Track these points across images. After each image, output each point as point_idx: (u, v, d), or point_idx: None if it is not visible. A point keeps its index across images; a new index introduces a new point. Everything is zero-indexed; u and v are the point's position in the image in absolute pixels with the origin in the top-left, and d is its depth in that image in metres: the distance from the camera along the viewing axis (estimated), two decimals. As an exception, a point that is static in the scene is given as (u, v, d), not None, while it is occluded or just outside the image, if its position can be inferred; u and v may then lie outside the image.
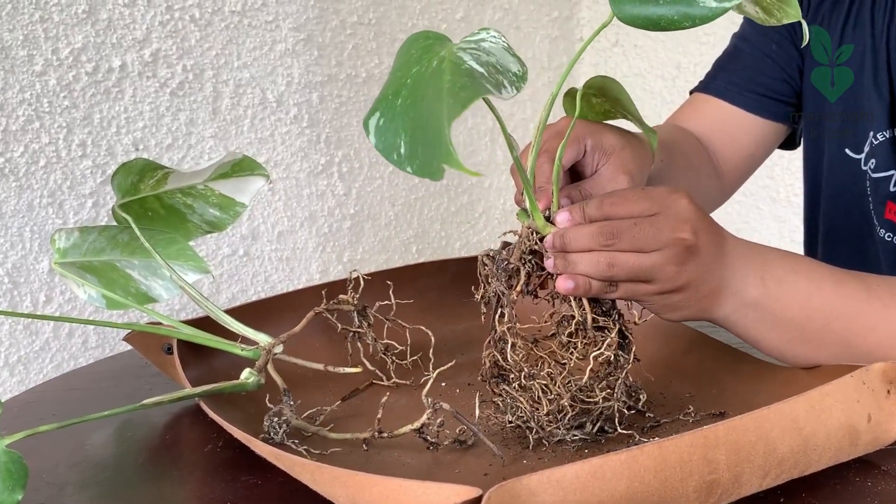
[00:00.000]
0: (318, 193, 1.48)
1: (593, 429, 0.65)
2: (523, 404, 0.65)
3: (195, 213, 0.80)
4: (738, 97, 1.01)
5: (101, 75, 1.19)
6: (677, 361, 0.79)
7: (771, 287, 0.68)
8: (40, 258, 1.15)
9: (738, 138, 1.03)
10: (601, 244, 0.64)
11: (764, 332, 0.69)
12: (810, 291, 0.69)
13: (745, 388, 0.72)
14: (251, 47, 1.36)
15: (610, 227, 0.64)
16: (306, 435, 0.68)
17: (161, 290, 0.80)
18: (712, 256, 0.66)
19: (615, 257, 0.64)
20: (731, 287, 0.67)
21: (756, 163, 1.06)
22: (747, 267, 0.68)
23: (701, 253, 0.65)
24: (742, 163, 1.04)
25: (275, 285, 1.43)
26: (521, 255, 0.67)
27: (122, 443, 0.72)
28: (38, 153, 1.14)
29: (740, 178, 1.06)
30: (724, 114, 1.02)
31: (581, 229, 0.64)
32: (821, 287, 0.69)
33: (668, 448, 0.52)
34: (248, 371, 0.70)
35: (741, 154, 1.03)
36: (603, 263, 0.64)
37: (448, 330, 0.84)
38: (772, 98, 1.01)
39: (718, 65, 1.06)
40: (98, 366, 0.92)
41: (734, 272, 0.67)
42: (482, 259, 0.68)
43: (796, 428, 0.56)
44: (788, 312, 0.68)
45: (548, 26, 1.89)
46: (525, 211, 0.67)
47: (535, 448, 0.65)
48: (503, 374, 0.67)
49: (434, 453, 0.65)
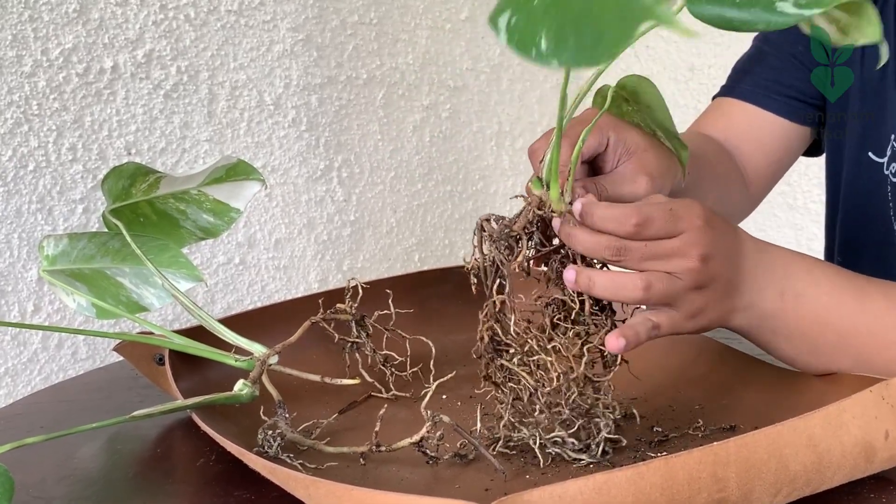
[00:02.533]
0: (317, 199, 1.49)
1: (598, 451, 0.65)
2: (526, 379, 0.63)
3: (188, 219, 0.81)
4: (765, 100, 1.01)
5: (92, 76, 1.20)
6: (686, 370, 0.80)
7: (789, 301, 0.69)
8: (28, 266, 1.16)
9: (766, 143, 1.03)
10: (609, 256, 0.64)
11: (777, 343, 0.71)
12: (829, 307, 0.69)
13: (758, 399, 0.73)
14: (248, 48, 1.36)
15: (619, 244, 0.64)
16: (302, 449, 0.68)
17: (153, 299, 0.80)
18: (725, 281, 0.66)
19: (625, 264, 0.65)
20: (746, 299, 0.68)
21: (783, 169, 1.06)
22: (766, 280, 0.68)
23: (713, 282, 0.66)
24: (770, 169, 1.04)
25: (271, 295, 1.44)
26: (527, 224, 0.66)
27: (112, 456, 0.72)
28: (26, 157, 1.15)
29: (768, 185, 1.07)
30: (751, 118, 1.02)
31: (591, 237, 0.65)
32: (842, 302, 0.69)
33: (676, 464, 0.52)
34: (241, 382, 0.70)
35: (769, 160, 1.03)
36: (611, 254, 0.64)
37: (449, 340, 0.84)
38: (799, 100, 1.01)
39: (741, 68, 1.06)
40: (88, 377, 0.92)
41: (752, 285, 0.68)
42: (482, 223, 0.67)
43: (811, 444, 0.56)
44: (804, 326, 0.69)
45: (556, 26, 1.89)
46: (540, 180, 0.66)
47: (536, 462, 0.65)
48: (499, 350, 0.66)
49: (434, 468, 0.65)
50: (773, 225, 1.75)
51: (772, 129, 1.02)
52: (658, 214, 0.64)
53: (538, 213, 0.66)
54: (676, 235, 0.64)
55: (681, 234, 0.64)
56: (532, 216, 0.66)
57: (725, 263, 0.66)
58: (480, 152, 1.75)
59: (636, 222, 0.63)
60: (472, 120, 1.73)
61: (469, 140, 1.72)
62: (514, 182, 1.79)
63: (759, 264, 0.68)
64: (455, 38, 1.69)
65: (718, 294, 0.66)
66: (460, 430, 0.64)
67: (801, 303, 0.69)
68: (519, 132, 1.82)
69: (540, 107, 1.86)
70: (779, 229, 1.74)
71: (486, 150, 1.76)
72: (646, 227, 0.64)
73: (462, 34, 1.70)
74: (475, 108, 1.74)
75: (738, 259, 0.67)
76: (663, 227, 0.64)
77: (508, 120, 1.80)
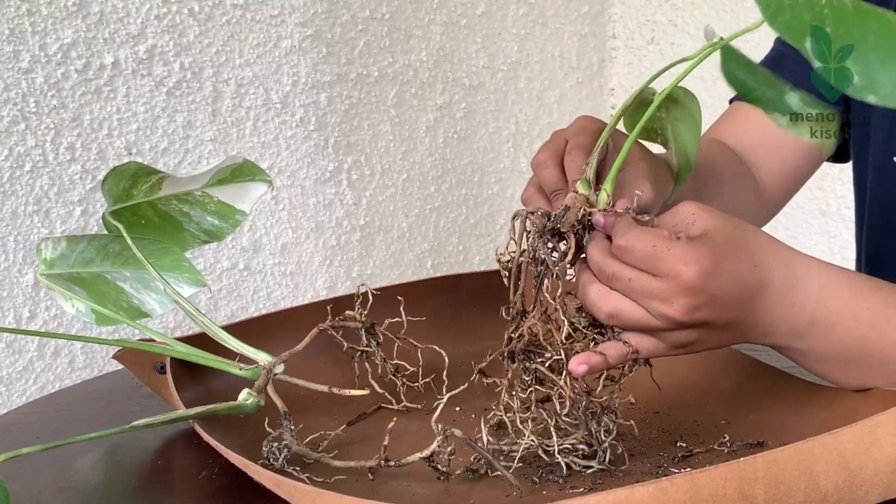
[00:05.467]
0: (326, 202, 1.49)
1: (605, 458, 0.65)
2: (563, 388, 0.64)
3: (192, 222, 0.81)
4: None
5: (92, 73, 1.21)
6: (712, 383, 0.80)
7: (819, 329, 0.68)
8: (24, 270, 1.17)
9: (784, 150, 1.03)
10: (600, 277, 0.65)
11: (806, 362, 0.71)
12: (867, 338, 0.69)
13: (787, 414, 0.73)
14: (254, 44, 1.37)
15: (609, 271, 0.64)
16: (308, 462, 0.68)
17: (154, 305, 0.81)
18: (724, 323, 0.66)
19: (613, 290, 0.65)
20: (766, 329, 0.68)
21: (803, 176, 1.06)
22: (793, 315, 0.67)
23: (704, 325, 0.65)
24: (788, 176, 1.04)
25: (277, 302, 1.44)
26: (574, 223, 0.67)
27: (111, 468, 0.73)
28: (23, 157, 1.16)
29: (787, 192, 1.06)
30: (767, 122, 1.02)
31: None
32: (882, 333, 0.68)
33: (701, 480, 0.52)
34: (246, 392, 0.71)
35: (787, 166, 1.03)
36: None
37: (463, 350, 0.84)
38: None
39: None
40: (86, 386, 0.93)
41: (773, 319, 0.67)
42: (526, 216, 0.67)
43: (842, 462, 0.56)
44: (836, 353, 0.69)
45: (577, 22, 1.90)
46: (588, 182, 0.68)
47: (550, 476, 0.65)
48: (530, 351, 0.66)
49: (445, 483, 0.65)
50: (805, 232, 1.74)
51: (788, 135, 1.02)
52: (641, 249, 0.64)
53: (587, 211, 0.67)
54: (658, 276, 0.63)
55: (663, 277, 0.63)
56: (581, 215, 0.67)
57: (725, 309, 0.65)
58: (497, 154, 1.75)
59: (608, 274, 0.64)
60: (488, 120, 1.74)
61: (485, 141, 1.73)
62: (532, 185, 1.79)
63: (785, 299, 0.67)
64: (471, 34, 1.70)
65: (716, 334, 0.66)
66: (473, 445, 0.64)
67: (833, 332, 0.68)
68: (537, 133, 1.82)
69: (559, 106, 1.86)
70: (810, 237, 1.74)
71: (503, 151, 1.76)
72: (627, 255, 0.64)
73: (478, 30, 1.71)
74: (491, 107, 1.74)
75: (749, 299, 0.66)
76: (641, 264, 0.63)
77: (526, 120, 1.81)
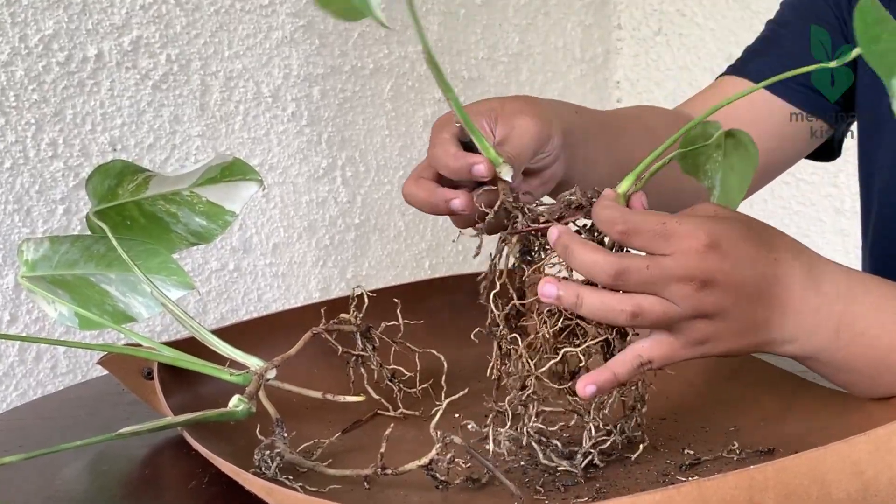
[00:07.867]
0: (319, 200, 1.50)
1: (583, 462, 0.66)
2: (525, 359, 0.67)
3: (179, 223, 0.81)
4: (777, 84, 0.99)
5: (74, 66, 1.21)
6: (720, 389, 0.80)
7: (844, 338, 0.68)
8: (5, 272, 1.17)
9: (759, 126, 0.97)
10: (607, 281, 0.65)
11: (828, 372, 0.72)
12: (894, 347, 0.69)
13: (798, 421, 0.73)
14: (244, 35, 1.38)
15: (620, 267, 0.64)
16: (301, 471, 0.69)
17: (141, 308, 0.81)
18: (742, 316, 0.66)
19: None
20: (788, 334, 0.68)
21: (777, 162, 1.04)
22: (818, 319, 0.68)
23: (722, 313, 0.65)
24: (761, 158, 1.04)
25: (269, 304, 1.44)
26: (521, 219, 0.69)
27: (97, 477, 0.73)
28: (2, 153, 1.16)
29: (760, 177, 1.05)
30: (753, 98, 0.98)
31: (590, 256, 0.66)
32: None
33: (709, 489, 0.52)
34: (237, 398, 0.71)
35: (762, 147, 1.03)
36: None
37: (462, 354, 0.84)
38: (815, 90, 1.00)
39: (753, 49, 1.05)
40: (70, 392, 0.93)
41: (795, 322, 0.67)
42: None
43: (856, 471, 0.56)
44: (863, 362, 0.70)
45: (580, 12, 1.90)
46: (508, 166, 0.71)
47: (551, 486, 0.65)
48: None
49: (444, 492, 0.65)
50: (819, 231, 1.75)
51: (770, 112, 1.01)
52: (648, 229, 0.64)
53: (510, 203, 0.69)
54: (669, 254, 0.63)
55: (673, 253, 0.63)
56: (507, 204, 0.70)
57: (742, 297, 0.65)
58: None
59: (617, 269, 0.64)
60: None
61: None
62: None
63: (809, 301, 0.67)
64: (470, 25, 1.70)
65: (734, 327, 0.65)
66: (473, 453, 0.64)
67: (858, 342, 0.68)
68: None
69: (563, 99, 1.86)
70: (823, 235, 1.74)
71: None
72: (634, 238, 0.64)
73: (478, 20, 1.71)
74: (491, 101, 1.74)
75: (768, 294, 0.66)
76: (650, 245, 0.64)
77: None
